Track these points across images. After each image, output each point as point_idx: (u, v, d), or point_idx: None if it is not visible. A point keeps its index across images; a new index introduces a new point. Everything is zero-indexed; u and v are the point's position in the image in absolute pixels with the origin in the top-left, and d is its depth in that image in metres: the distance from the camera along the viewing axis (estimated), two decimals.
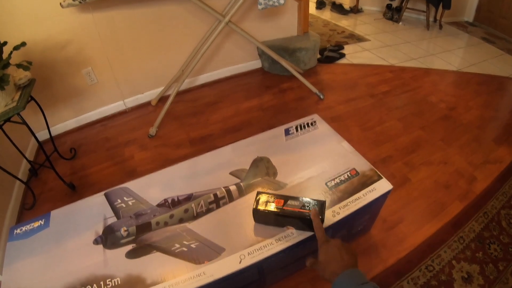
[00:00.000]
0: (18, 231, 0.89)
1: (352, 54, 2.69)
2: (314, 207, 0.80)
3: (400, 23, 3.42)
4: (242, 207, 0.91)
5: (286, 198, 0.83)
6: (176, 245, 0.82)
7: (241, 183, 0.98)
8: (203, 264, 0.77)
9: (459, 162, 1.55)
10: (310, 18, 3.02)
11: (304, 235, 0.82)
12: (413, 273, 1.08)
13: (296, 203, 0.82)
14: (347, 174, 0.99)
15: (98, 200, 0.97)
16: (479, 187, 1.42)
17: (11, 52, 1.20)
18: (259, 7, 1.68)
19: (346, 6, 3.85)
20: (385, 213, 1.27)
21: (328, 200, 0.91)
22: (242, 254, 0.79)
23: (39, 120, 1.53)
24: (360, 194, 0.92)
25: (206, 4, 1.67)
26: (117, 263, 0.79)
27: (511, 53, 2.83)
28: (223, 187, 0.97)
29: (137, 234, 0.86)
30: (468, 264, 1.11)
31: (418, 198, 1.36)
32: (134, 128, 1.86)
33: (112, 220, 0.90)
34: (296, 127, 1.20)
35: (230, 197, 0.94)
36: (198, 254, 0.80)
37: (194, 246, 0.82)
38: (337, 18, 3.64)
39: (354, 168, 1.00)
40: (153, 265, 0.78)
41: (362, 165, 1.02)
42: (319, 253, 0.68)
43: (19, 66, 1.22)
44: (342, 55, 2.65)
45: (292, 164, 1.04)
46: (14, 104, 1.19)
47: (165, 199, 0.94)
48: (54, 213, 0.94)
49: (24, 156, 1.49)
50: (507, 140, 1.71)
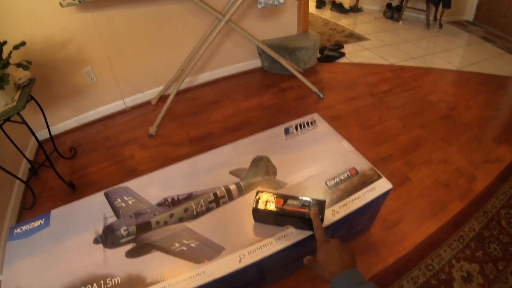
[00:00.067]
0: (18, 231, 0.90)
1: (352, 53, 2.69)
2: (314, 207, 0.80)
3: (400, 22, 3.42)
4: (242, 206, 0.91)
5: (286, 198, 0.83)
6: (176, 244, 0.82)
7: (241, 182, 0.98)
8: (203, 263, 0.77)
9: (459, 161, 1.55)
10: (310, 17, 3.02)
11: (304, 235, 0.82)
12: (413, 272, 1.08)
13: (296, 203, 0.82)
14: (347, 173, 0.99)
15: (98, 200, 0.97)
16: (479, 186, 1.42)
17: (11, 52, 1.20)
18: (259, 6, 1.68)
19: (346, 5, 3.85)
20: (385, 212, 1.27)
21: (328, 200, 0.91)
22: (242, 253, 0.79)
23: (39, 120, 1.53)
24: (360, 193, 0.93)
25: (206, 3, 1.67)
26: (117, 263, 0.79)
27: (511, 52, 2.82)
28: (223, 186, 0.97)
29: (137, 234, 0.86)
30: (468, 264, 1.11)
31: (418, 197, 1.36)
32: (134, 127, 1.86)
33: (112, 220, 0.90)
34: (296, 126, 1.20)
35: (230, 197, 0.94)
36: (198, 253, 0.80)
37: (194, 246, 0.82)
38: (337, 17, 3.64)
39: (354, 167, 1.00)
40: (153, 264, 0.78)
41: (362, 164, 1.02)
42: (318, 253, 0.68)
43: (19, 66, 1.22)
44: (342, 54, 2.65)
45: (292, 163, 1.04)
46: (14, 104, 1.19)
47: (165, 198, 0.94)
48: (54, 213, 0.94)
49: (24, 156, 1.49)
50: (507, 139, 1.71)
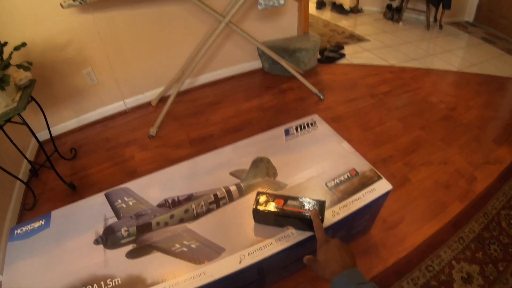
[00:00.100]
0: (19, 231, 0.90)
1: (352, 55, 2.69)
2: (314, 207, 0.80)
3: (400, 24, 3.42)
4: (242, 207, 0.91)
5: (286, 198, 0.83)
6: (177, 245, 0.82)
7: (241, 184, 0.99)
8: (203, 264, 0.78)
9: (459, 162, 1.55)
10: (310, 19, 3.03)
11: (304, 235, 0.82)
12: (413, 273, 1.08)
13: (296, 203, 0.82)
14: (347, 175, 0.99)
15: (99, 200, 0.97)
16: (479, 187, 1.42)
17: (12, 53, 1.20)
18: (259, 8, 1.68)
19: (346, 7, 3.86)
20: (385, 213, 1.27)
21: (328, 200, 0.91)
22: (242, 254, 0.79)
23: (40, 121, 1.53)
24: (360, 194, 0.93)
25: (206, 5, 1.68)
26: (118, 263, 0.79)
27: (511, 53, 2.83)
28: (223, 188, 0.97)
29: (138, 234, 0.86)
30: (468, 265, 1.11)
31: (418, 198, 1.36)
32: (135, 129, 1.86)
33: (113, 220, 0.90)
34: (296, 128, 1.20)
35: (230, 198, 0.95)
36: (198, 254, 0.80)
37: (194, 246, 0.82)
38: (337, 19, 3.64)
39: (354, 169, 1.01)
40: (154, 265, 0.78)
41: (362, 166, 1.02)
42: (319, 253, 0.68)
43: (20, 67, 1.22)
44: (342, 56, 2.65)
45: (292, 165, 1.04)
46: (15, 105, 1.19)
47: (166, 200, 0.95)
48: (55, 213, 0.94)
49: (25, 157, 1.49)
50: (507, 140, 1.71)
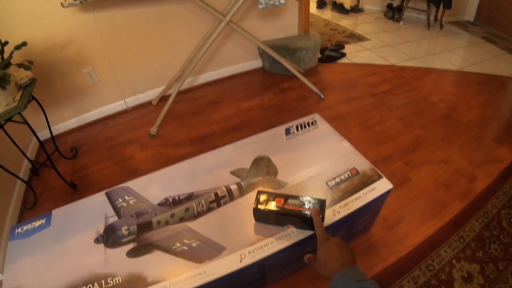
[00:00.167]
0: (19, 230, 0.90)
1: (353, 54, 2.69)
2: (315, 206, 0.80)
3: (401, 23, 3.41)
4: (243, 206, 0.91)
5: (287, 197, 0.83)
6: (177, 244, 0.82)
7: (242, 182, 0.99)
8: (204, 263, 0.78)
9: (460, 161, 1.55)
10: (311, 18, 3.02)
11: (305, 234, 0.82)
12: (413, 272, 1.09)
13: (297, 202, 0.82)
14: (348, 174, 0.99)
15: (99, 199, 0.97)
16: (480, 186, 1.42)
17: (12, 52, 1.20)
18: (260, 7, 1.68)
19: (347, 6, 3.85)
20: (386, 212, 1.27)
21: (329, 199, 0.91)
22: (243, 253, 0.79)
23: (40, 120, 1.53)
24: (361, 194, 0.93)
25: (207, 4, 1.68)
26: (118, 262, 0.79)
27: None
28: (224, 186, 0.97)
29: (138, 233, 0.86)
30: (468, 264, 1.11)
31: (419, 197, 1.36)
32: (135, 128, 1.86)
33: (113, 219, 0.90)
34: (297, 127, 1.20)
35: (231, 196, 0.95)
36: (199, 253, 0.80)
37: (195, 245, 0.82)
38: (338, 18, 3.64)
39: (355, 168, 1.01)
40: (154, 264, 0.78)
41: (363, 165, 1.02)
42: (319, 251, 0.68)
43: (20, 66, 1.22)
44: (343, 55, 2.65)
45: (293, 163, 1.04)
46: (15, 104, 1.19)
47: (166, 198, 0.95)
48: (55, 212, 0.94)
49: (25, 156, 1.50)
50: (508, 140, 1.71)
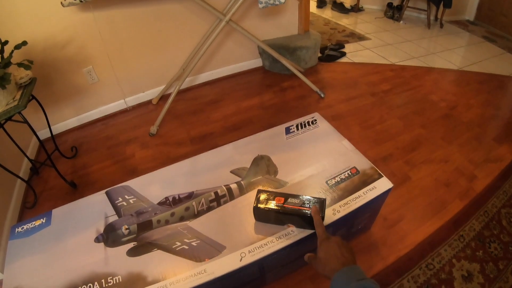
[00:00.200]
0: (20, 230, 0.90)
1: (353, 53, 2.69)
2: (315, 205, 0.80)
3: (401, 22, 3.41)
4: (243, 205, 0.92)
5: (287, 196, 0.83)
6: (177, 243, 0.82)
7: (242, 181, 0.99)
8: (204, 262, 0.78)
9: (460, 161, 1.55)
10: (311, 17, 3.02)
11: (305, 233, 0.82)
12: (414, 271, 1.09)
13: (297, 201, 0.82)
14: (348, 173, 0.99)
15: (99, 199, 0.97)
16: (480, 186, 1.42)
17: (12, 51, 1.20)
18: (260, 6, 1.68)
19: (347, 5, 3.85)
20: (386, 211, 1.27)
21: (329, 198, 0.91)
22: (243, 252, 0.79)
23: (40, 119, 1.53)
24: (361, 193, 0.93)
25: (207, 3, 1.67)
26: (118, 261, 0.79)
27: None
28: (224, 185, 0.97)
29: (138, 232, 0.86)
30: (468, 263, 1.11)
31: (419, 196, 1.36)
32: (135, 127, 1.86)
33: (113, 218, 0.90)
34: (297, 126, 1.20)
35: (231, 195, 0.95)
36: (199, 252, 0.80)
37: (195, 244, 0.82)
38: (338, 17, 3.64)
39: (355, 167, 1.01)
40: (154, 263, 0.78)
41: (363, 164, 1.02)
42: (319, 250, 0.68)
43: (20, 65, 1.22)
44: (343, 54, 2.64)
45: (293, 163, 1.04)
46: (16, 103, 1.19)
47: (166, 197, 0.95)
48: (55, 212, 0.94)
49: (25, 155, 1.50)
50: (508, 139, 1.70)
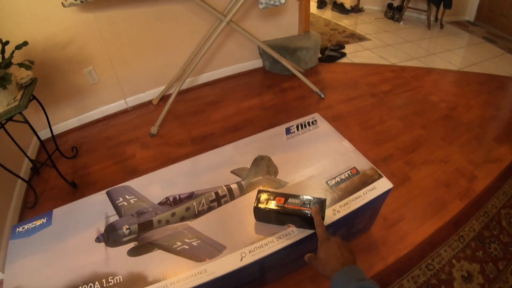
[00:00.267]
0: (20, 230, 0.90)
1: (353, 54, 2.69)
2: (315, 205, 0.80)
3: (401, 23, 3.41)
4: (243, 205, 0.92)
5: (287, 196, 0.83)
6: (178, 243, 0.83)
7: (242, 182, 0.99)
8: (205, 262, 0.78)
9: (460, 161, 1.55)
10: (311, 18, 3.02)
11: (305, 233, 0.83)
12: (413, 272, 1.09)
13: (297, 201, 0.82)
14: (348, 173, 0.99)
15: (100, 199, 0.97)
16: (480, 186, 1.42)
17: (13, 52, 1.20)
18: (260, 7, 1.68)
19: (347, 6, 3.85)
20: (386, 212, 1.27)
21: (329, 199, 0.91)
22: (243, 252, 0.80)
23: (41, 119, 1.53)
24: (361, 193, 0.93)
25: (208, 4, 1.68)
26: (119, 261, 0.80)
27: None
28: (225, 186, 0.97)
29: (139, 232, 0.86)
30: (468, 263, 1.11)
31: (419, 197, 1.36)
32: (136, 127, 1.86)
33: (114, 218, 0.90)
34: (297, 126, 1.20)
35: (232, 196, 0.95)
36: (200, 252, 0.80)
37: (196, 244, 0.82)
38: (338, 18, 3.64)
39: (355, 167, 1.01)
40: (155, 263, 0.79)
41: (363, 164, 1.02)
42: (319, 250, 0.68)
43: (21, 66, 1.23)
44: (343, 55, 2.65)
45: (293, 163, 1.05)
46: (16, 103, 1.19)
47: (167, 198, 0.95)
48: (56, 212, 0.95)
49: (26, 155, 1.50)
50: (508, 139, 1.71)
